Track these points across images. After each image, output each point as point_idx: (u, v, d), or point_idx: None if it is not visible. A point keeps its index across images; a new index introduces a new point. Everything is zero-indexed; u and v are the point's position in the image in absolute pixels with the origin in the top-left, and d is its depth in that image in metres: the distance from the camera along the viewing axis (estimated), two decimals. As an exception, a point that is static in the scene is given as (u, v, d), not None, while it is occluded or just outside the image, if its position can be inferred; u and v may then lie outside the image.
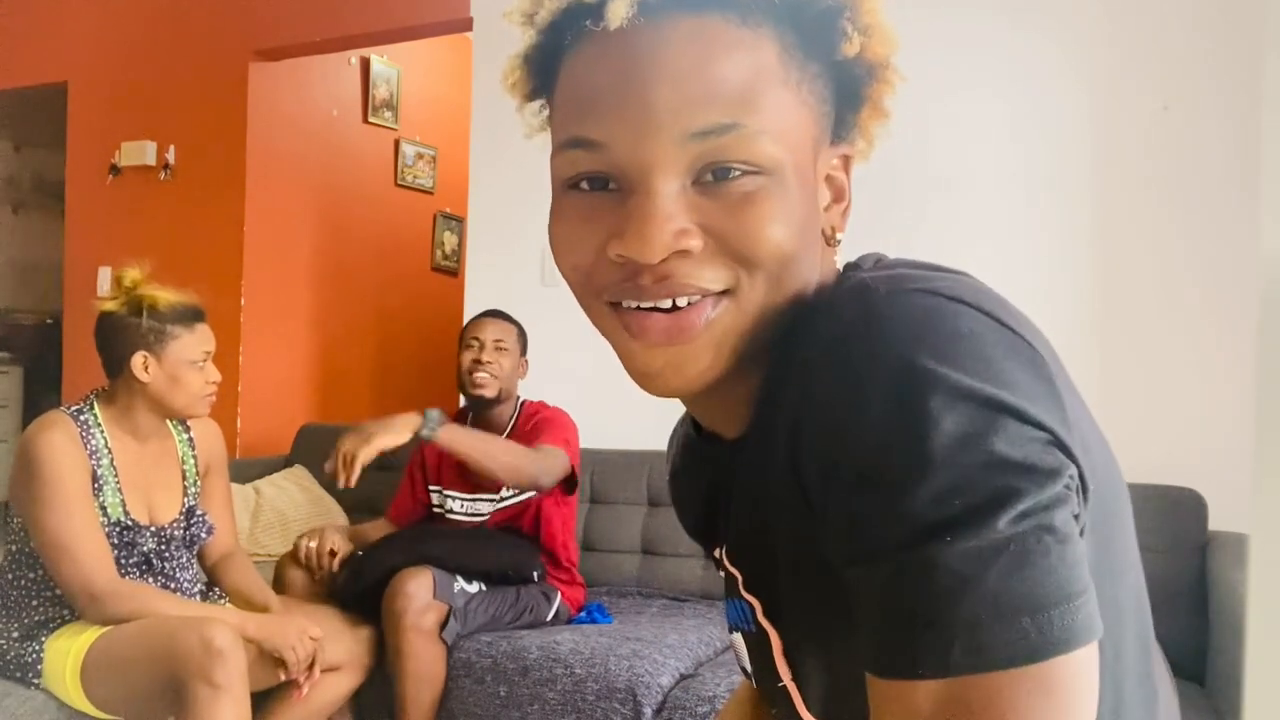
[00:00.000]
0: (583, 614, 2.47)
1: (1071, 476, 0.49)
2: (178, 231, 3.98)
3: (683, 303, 0.57)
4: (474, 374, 2.48)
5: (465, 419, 2.61)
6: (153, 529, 1.97)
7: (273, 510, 3.10)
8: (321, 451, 3.34)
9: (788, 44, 0.57)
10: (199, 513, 2.07)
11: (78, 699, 1.82)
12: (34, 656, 1.84)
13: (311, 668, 1.95)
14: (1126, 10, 2.54)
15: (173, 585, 1.99)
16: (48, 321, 5.40)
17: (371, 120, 4.50)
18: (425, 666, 2.14)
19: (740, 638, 0.71)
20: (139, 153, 4.09)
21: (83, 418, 1.93)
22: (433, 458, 2.61)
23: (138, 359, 1.94)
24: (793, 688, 0.63)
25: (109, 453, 1.94)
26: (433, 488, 2.60)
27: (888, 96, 0.63)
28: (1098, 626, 0.47)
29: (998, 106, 2.65)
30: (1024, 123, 2.63)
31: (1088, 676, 0.47)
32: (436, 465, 2.60)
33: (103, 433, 1.95)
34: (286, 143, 4.10)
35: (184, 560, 2.03)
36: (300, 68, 4.12)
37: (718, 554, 0.73)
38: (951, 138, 2.67)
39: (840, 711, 0.60)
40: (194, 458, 2.11)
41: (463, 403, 2.66)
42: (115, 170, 4.19)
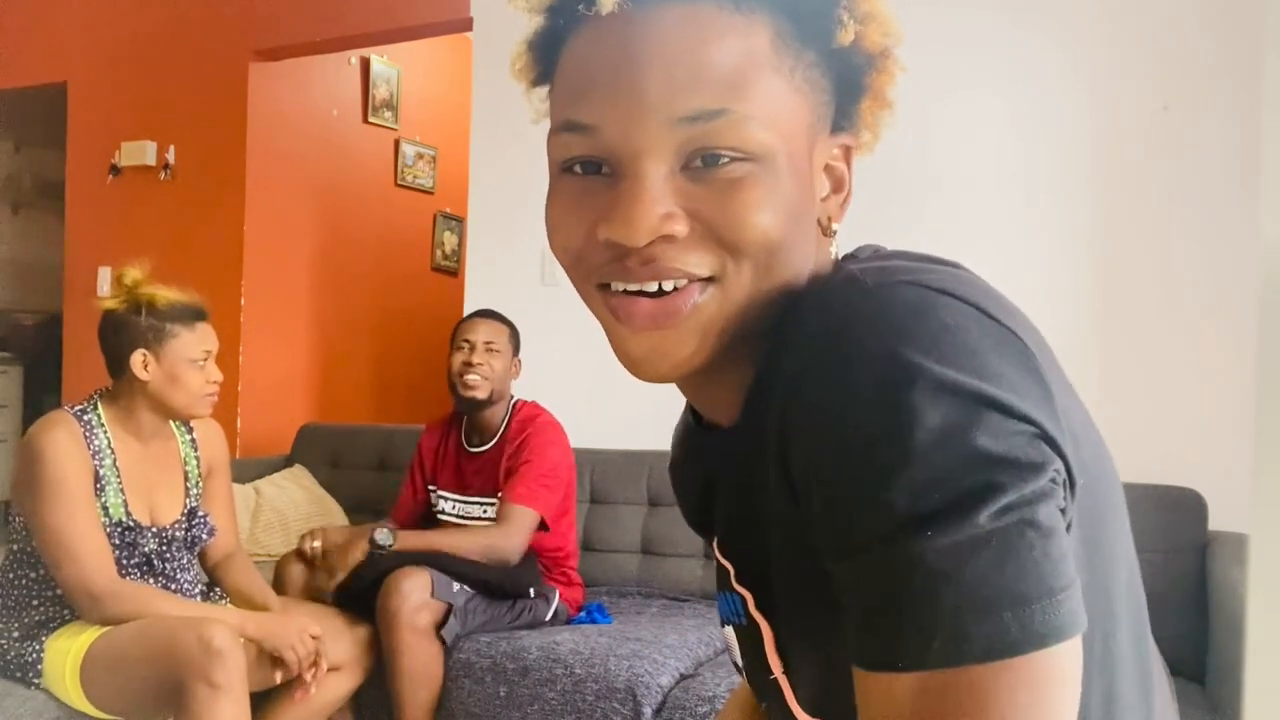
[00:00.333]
0: (582, 614, 2.47)
1: (1057, 470, 0.49)
2: (178, 231, 3.98)
3: (669, 287, 0.57)
4: (464, 376, 2.45)
5: (459, 421, 2.60)
6: (154, 529, 1.97)
7: (273, 510, 3.10)
8: (321, 451, 3.37)
9: (782, 31, 0.57)
10: (201, 514, 2.07)
11: (77, 699, 1.82)
12: (34, 656, 1.84)
13: (315, 665, 1.95)
14: (1126, 10, 2.54)
15: (173, 586, 1.99)
16: (48, 321, 5.40)
17: (371, 120, 4.50)
18: (420, 664, 2.13)
19: (732, 631, 0.72)
20: (139, 153, 4.09)
21: (86, 417, 1.93)
22: (429, 456, 2.61)
23: (137, 357, 1.94)
24: (783, 680, 0.63)
25: (112, 453, 1.94)
26: (430, 487, 2.61)
27: (889, 87, 0.63)
28: (1081, 621, 0.47)
29: (997, 106, 2.65)
30: (1024, 122, 2.63)
31: (1069, 671, 0.47)
32: (433, 465, 2.60)
33: (106, 433, 1.95)
34: (286, 143, 4.10)
35: (185, 561, 2.03)
36: (300, 68, 4.12)
37: (714, 545, 0.74)
38: (951, 137, 2.67)
39: (830, 706, 0.60)
40: (196, 459, 2.11)
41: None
42: (115, 170, 4.19)
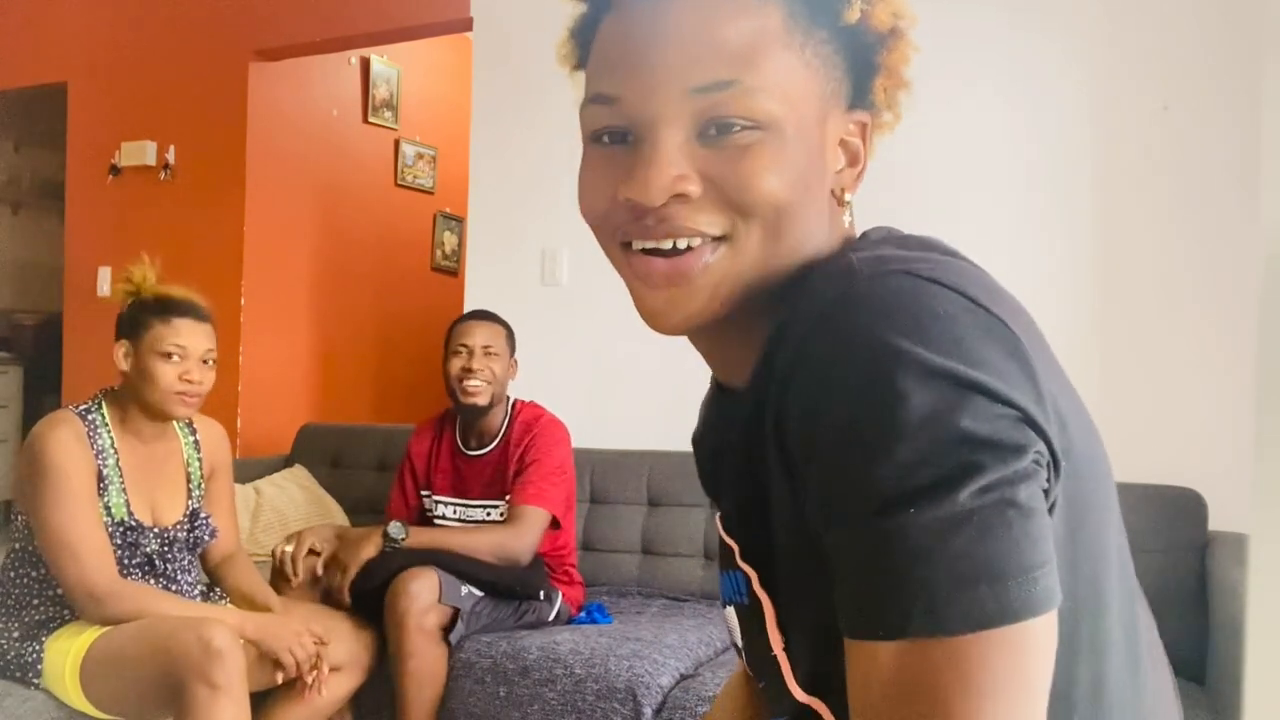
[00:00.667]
0: (583, 614, 2.46)
1: (1039, 452, 0.51)
2: (178, 231, 3.98)
3: (682, 245, 0.62)
4: (464, 382, 2.40)
5: (452, 423, 2.57)
6: (156, 530, 1.97)
7: (273, 510, 3.10)
8: (321, 451, 3.36)
9: (795, 10, 0.62)
10: (203, 515, 2.06)
11: (77, 699, 1.82)
12: (34, 656, 1.84)
13: (316, 667, 1.94)
14: (1126, 10, 2.54)
15: (174, 587, 1.98)
16: (48, 321, 5.39)
17: (371, 120, 4.50)
18: (427, 666, 2.13)
19: (733, 611, 0.73)
20: (139, 153, 4.09)
21: (90, 417, 1.93)
22: (421, 460, 2.58)
23: (118, 347, 1.95)
24: (783, 658, 0.65)
25: (115, 453, 1.94)
26: (423, 493, 2.58)
27: (903, 66, 0.66)
28: (1056, 597, 0.50)
29: (997, 106, 2.65)
30: (1024, 122, 2.63)
31: (1044, 645, 0.50)
32: (425, 470, 2.57)
33: (109, 432, 1.95)
34: (286, 143, 4.10)
35: (186, 563, 2.03)
36: (300, 68, 4.12)
37: (719, 522, 0.75)
38: (951, 137, 2.67)
39: (827, 683, 0.61)
40: (199, 460, 2.10)
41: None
42: (115, 170, 4.20)
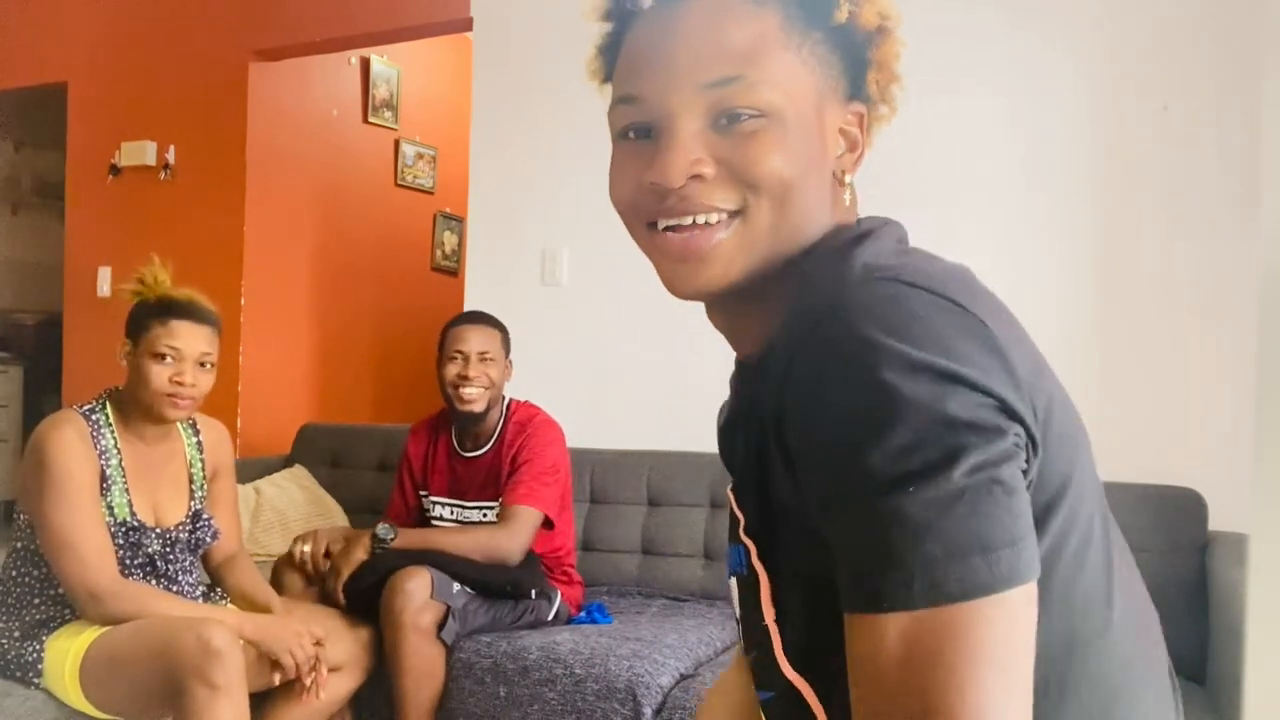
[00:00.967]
0: (583, 614, 2.46)
1: (1018, 435, 0.58)
2: (178, 231, 3.98)
3: (701, 220, 0.70)
4: (460, 389, 2.40)
5: (447, 424, 2.56)
6: (158, 531, 1.97)
7: (273, 510, 3.10)
8: (321, 451, 3.36)
9: (791, 15, 0.70)
10: (205, 516, 2.06)
11: (77, 699, 1.82)
12: (34, 656, 1.84)
13: (315, 669, 1.94)
14: (1126, 10, 2.54)
15: (175, 587, 1.98)
16: (47, 321, 5.39)
17: (371, 120, 4.50)
18: (424, 665, 2.13)
19: (735, 582, 0.78)
20: (139, 153, 4.09)
21: (94, 417, 1.93)
22: (418, 461, 2.58)
23: (120, 347, 1.96)
24: (774, 628, 0.70)
25: (118, 453, 1.94)
26: (421, 493, 2.58)
27: (893, 61, 0.74)
28: (1036, 568, 0.55)
29: (997, 106, 2.65)
30: (1024, 122, 2.63)
31: (1029, 610, 0.55)
32: (422, 470, 2.57)
33: (113, 433, 1.95)
34: (286, 143, 4.10)
35: (187, 563, 2.03)
36: (300, 68, 4.12)
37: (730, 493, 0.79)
38: (951, 137, 2.67)
39: (814, 657, 0.67)
40: (202, 461, 2.10)
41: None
42: (115, 170, 4.20)
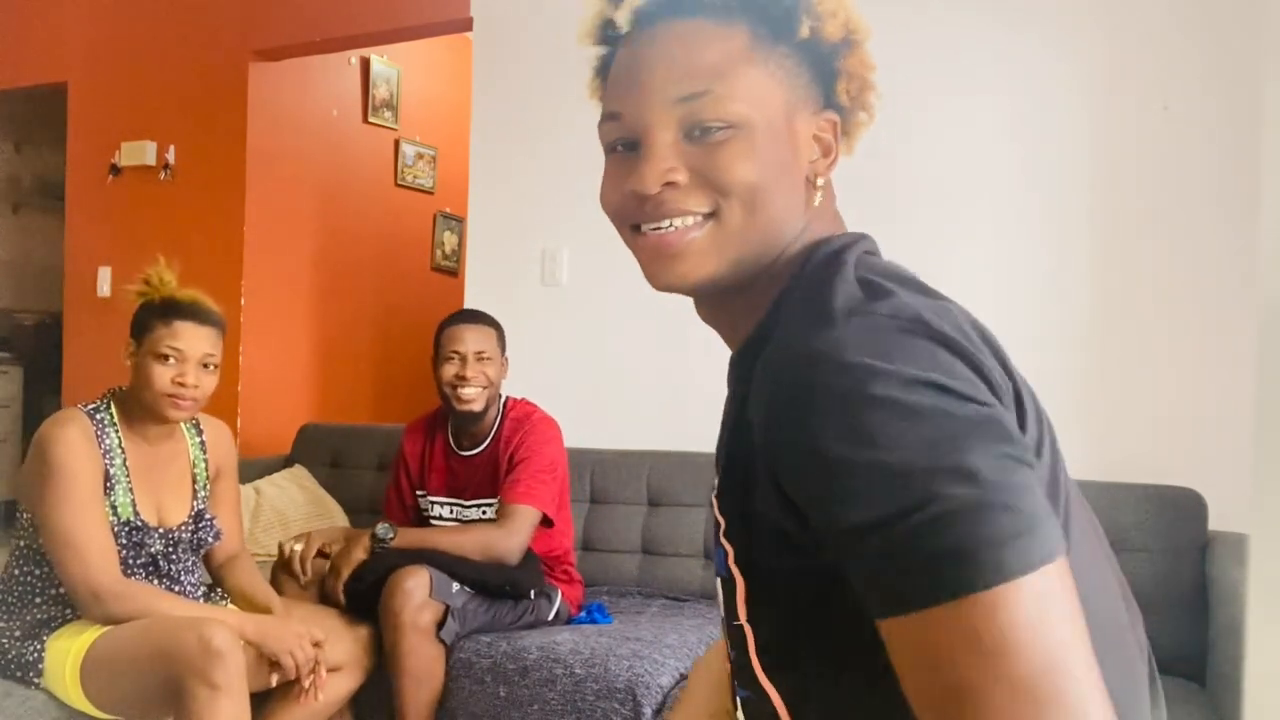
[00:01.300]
0: (583, 614, 2.46)
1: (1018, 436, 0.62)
2: (178, 231, 3.98)
3: (677, 224, 0.76)
4: (458, 389, 2.39)
5: (444, 423, 2.56)
6: (161, 530, 1.97)
7: (273, 510, 3.10)
8: (321, 451, 3.36)
9: (759, 33, 0.76)
10: (208, 516, 2.06)
11: (77, 699, 1.82)
12: (35, 656, 1.84)
13: (315, 671, 1.94)
14: (1126, 10, 2.54)
15: (177, 587, 1.99)
16: (47, 321, 5.40)
17: (371, 120, 4.50)
18: (423, 664, 2.13)
19: (719, 583, 0.79)
20: (139, 153, 4.09)
21: (98, 416, 1.93)
22: (414, 460, 2.57)
23: (125, 347, 1.96)
24: (748, 629, 0.73)
25: (122, 452, 1.94)
26: (419, 493, 2.58)
27: (863, 70, 0.79)
28: (1064, 545, 0.58)
29: (997, 106, 2.65)
30: (1023, 123, 2.63)
31: (1066, 585, 0.57)
32: (419, 470, 2.57)
33: (117, 432, 1.95)
34: (286, 143, 4.10)
35: (189, 563, 2.03)
36: (300, 68, 4.12)
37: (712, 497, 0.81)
38: (950, 138, 2.67)
39: (784, 658, 0.70)
40: (205, 461, 2.10)
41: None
42: (115, 170, 4.20)
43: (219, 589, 2.14)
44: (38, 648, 1.85)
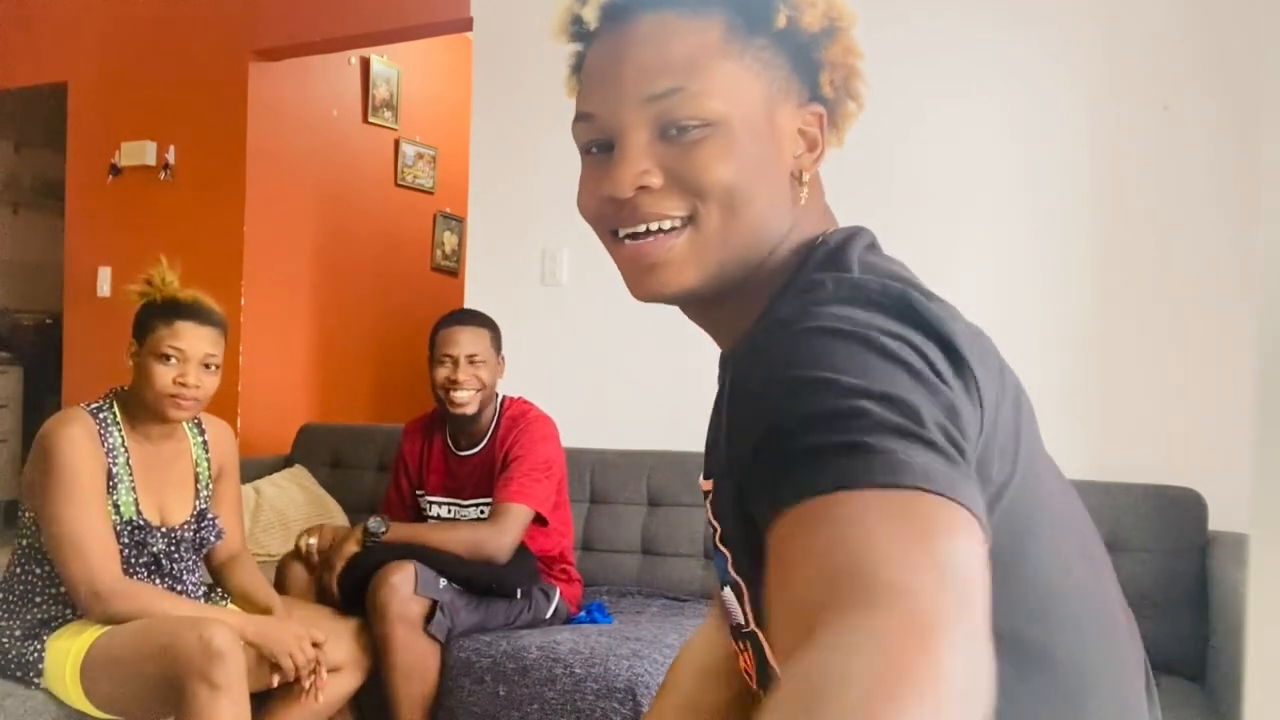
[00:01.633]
0: (583, 614, 2.46)
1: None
2: (178, 231, 3.98)
3: (654, 228, 0.73)
4: (451, 393, 2.37)
5: (442, 423, 2.56)
6: (163, 530, 1.97)
7: (273, 510, 3.10)
8: (322, 451, 3.37)
9: (734, 25, 0.72)
10: (210, 516, 2.07)
11: (78, 699, 1.82)
12: (35, 656, 1.84)
13: (315, 672, 1.94)
14: (1125, 11, 2.54)
15: (179, 587, 1.99)
16: (47, 321, 5.39)
17: (371, 120, 4.50)
18: (414, 659, 2.13)
19: (728, 591, 0.77)
20: (139, 153, 4.09)
21: (101, 415, 1.93)
22: (413, 460, 2.57)
23: (127, 347, 1.97)
24: (761, 635, 0.70)
25: (125, 451, 1.94)
26: (418, 492, 2.58)
27: (850, 59, 0.75)
28: (972, 498, 0.50)
29: (997, 106, 2.65)
30: (1023, 123, 2.63)
31: (962, 530, 0.49)
32: (418, 470, 2.57)
33: (120, 431, 1.95)
34: (286, 143, 4.10)
35: (191, 563, 2.03)
36: (300, 68, 4.12)
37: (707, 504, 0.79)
38: (950, 139, 2.67)
39: None
40: (208, 460, 2.10)
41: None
42: (115, 170, 4.19)
43: (220, 589, 2.14)
44: (38, 647, 1.85)
